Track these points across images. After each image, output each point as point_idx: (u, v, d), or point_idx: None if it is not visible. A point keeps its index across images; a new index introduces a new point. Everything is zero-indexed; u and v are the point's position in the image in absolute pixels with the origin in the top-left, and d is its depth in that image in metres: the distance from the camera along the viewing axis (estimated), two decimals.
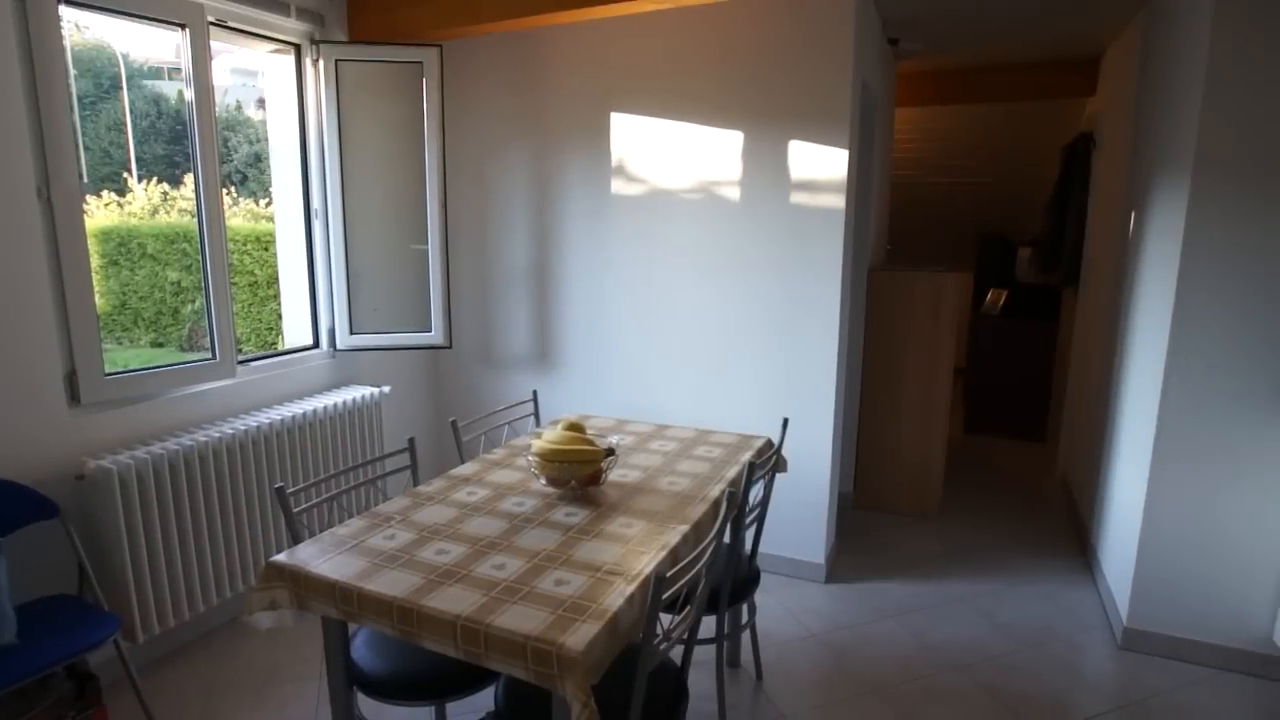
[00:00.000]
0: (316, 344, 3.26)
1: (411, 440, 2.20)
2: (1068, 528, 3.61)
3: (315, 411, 2.86)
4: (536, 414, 2.79)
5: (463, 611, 1.36)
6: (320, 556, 1.58)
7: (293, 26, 2.98)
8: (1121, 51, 3.72)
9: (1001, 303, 5.06)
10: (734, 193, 2.97)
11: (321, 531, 1.73)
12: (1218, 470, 2.40)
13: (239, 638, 2.65)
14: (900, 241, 6.44)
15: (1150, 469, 2.48)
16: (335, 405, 2.96)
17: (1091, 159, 4.24)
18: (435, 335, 3.39)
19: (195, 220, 2.63)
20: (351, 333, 3.26)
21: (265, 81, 3.13)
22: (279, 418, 2.71)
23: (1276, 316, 2.28)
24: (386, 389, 3.24)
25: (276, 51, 3.05)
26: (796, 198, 2.86)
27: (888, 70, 4.07)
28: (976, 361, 5.09)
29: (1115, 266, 3.33)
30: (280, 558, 1.58)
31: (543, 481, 1.95)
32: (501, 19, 2.87)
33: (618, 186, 3.19)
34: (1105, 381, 3.28)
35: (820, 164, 2.80)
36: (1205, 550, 2.44)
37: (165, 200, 8.00)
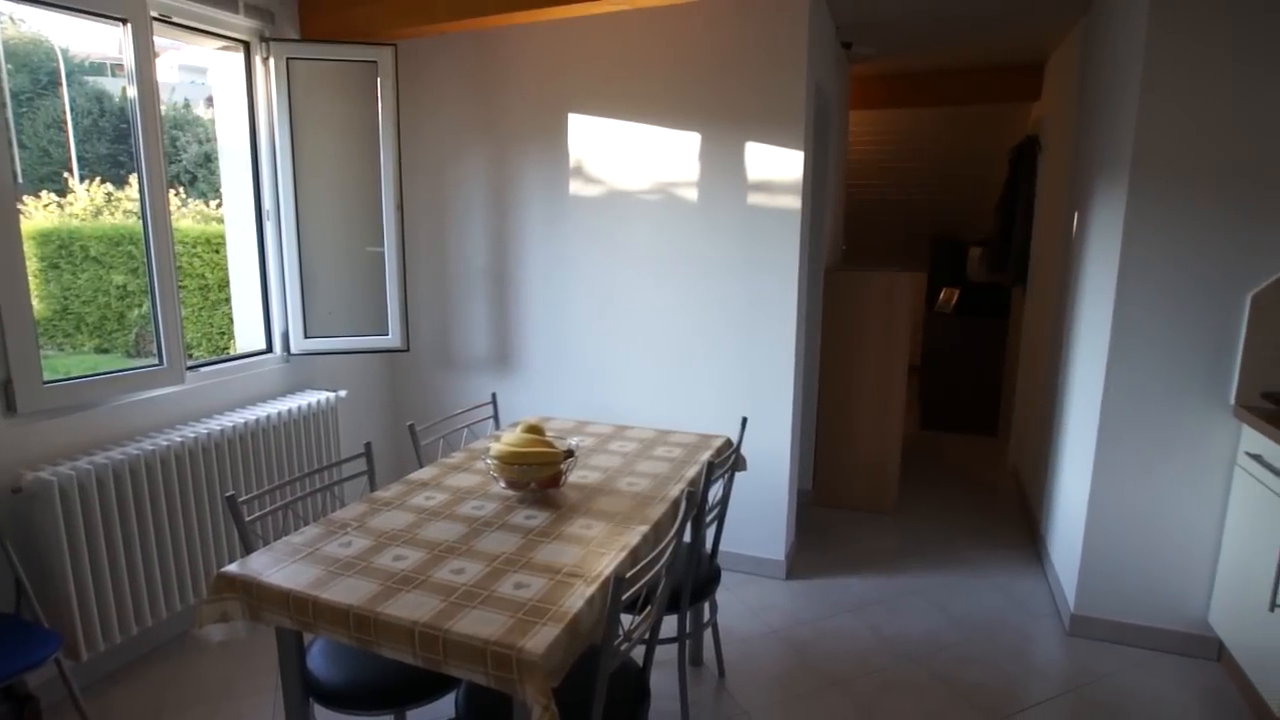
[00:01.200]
0: (270, 348, 3.19)
1: (368, 445, 2.16)
2: (1019, 520, 3.72)
3: (269, 417, 2.80)
4: (496, 417, 2.77)
5: (421, 618, 1.34)
6: (274, 566, 1.55)
7: (241, 23, 2.91)
8: (1064, 57, 3.84)
9: (954, 301, 5.18)
10: (692, 194, 2.99)
11: (276, 540, 1.69)
12: (1156, 462, 2.49)
13: (190, 652, 2.58)
14: (856, 242, 6.56)
15: (1094, 461, 2.57)
16: (290, 411, 2.90)
17: (1037, 161, 4.37)
18: (392, 338, 3.34)
19: (140, 222, 2.55)
20: (306, 336, 3.19)
21: (214, 79, 3.05)
22: (230, 424, 2.65)
23: (1209, 314, 2.38)
24: (342, 393, 3.18)
25: (225, 48, 2.98)
26: (753, 198, 2.89)
27: (841, 73, 4.14)
28: (931, 359, 5.21)
29: (1060, 266, 3.44)
30: (232, 568, 1.54)
31: (502, 484, 1.94)
32: (457, 18, 2.84)
33: (576, 188, 3.19)
34: (1052, 377, 3.39)
35: (776, 165, 2.84)
36: (1145, 538, 2.54)
37: (109, 201, 7.73)
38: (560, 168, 3.20)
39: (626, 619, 1.53)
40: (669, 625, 2.15)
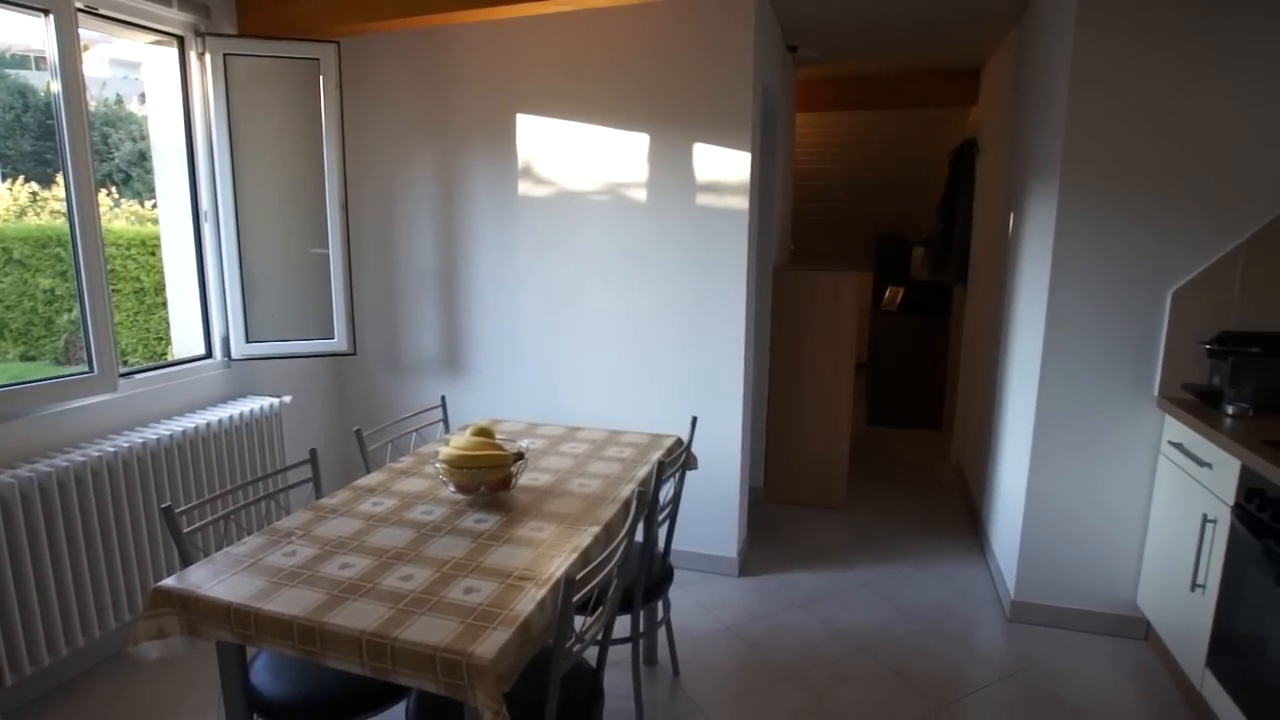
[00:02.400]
0: (209, 354, 3.09)
1: (313, 451, 2.12)
2: (962, 511, 3.83)
3: (209, 425, 2.71)
4: (445, 420, 2.74)
5: (368, 626, 1.32)
6: (213, 578, 1.50)
7: (174, 17, 2.81)
8: (999, 64, 3.98)
9: (899, 300, 5.31)
10: (641, 194, 3.00)
11: (216, 552, 1.64)
12: (1087, 453, 2.60)
13: (126, 671, 2.48)
14: (804, 242, 6.68)
15: (1031, 454, 2.67)
16: (231, 418, 2.81)
17: (976, 163, 4.51)
18: (338, 342, 3.28)
19: (68, 223, 2.45)
20: (247, 341, 3.10)
21: (147, 75, 2.94)
22: (167, 433, 2.56)
23: (1134, 310, 2.49)
24: (287, 399, 3.10)
25: (158, 43, 2.87)
26: (702, 199, 2.92)
27: (787, 76, 4.20)
28: (877, 356, 5.33)
29: (998, 264, 3.56)
30: (168, 582, 1.49)
31: (451, 489, 1.92)
32: (401, 16, 2.80)
33: (525, 188, 3.17)
34: (991, 373, 3.50)
35: (724, 166, 2.87)
36: (1078, 526, 2.65)
37: (35, 201, 7.37)
38: (509, 168, 3.18)
39: (579, 620, 1.53)
40: (622, 625, 2.15)
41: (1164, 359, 2.47)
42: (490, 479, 1.89)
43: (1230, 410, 2.23)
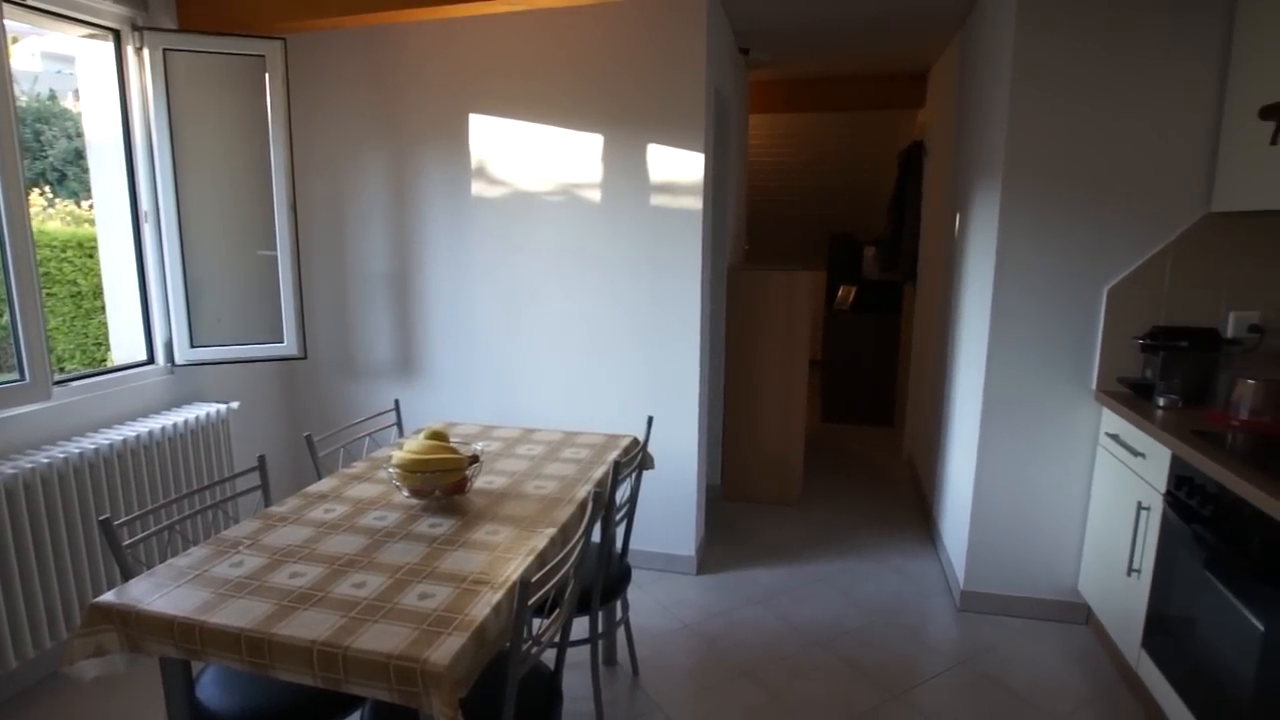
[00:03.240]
0: (151, 359, 2.99)
1: (261, 458, 2.07)
2: (914, 505, 3.93)
3: (151, 433, 2.62)
4: (399, 424, 2.70)
5: (319, 636, 1.30)
6: (155, 592, 1.46)
7: (109, 9, 2.71)
8: (944, 67, 4.08)
9: (851, 298, 5.41)
10: (595, 195, 3.00)
11: (159, 564, 1.59)
12: (1031, 445, 2.69)
13: (62, 692, 2.38)
14: (758, 241, 6.76)
15: (978, 447, 2.74)
16: (175, 425, 2.73)
17: (923, 165, 4.62)
18: (288, 346, 3.20)
19: None
20: (192, 346, 3.01)
21: (81, 70, 2.83)
22: (106, 442, 2.47)
23: (1073, 307, 2.59)
24: (234, 405, 3.02)
25: (91, 36, 2.77)
26: (656, 199, 2.93)
27: (740, 78, 4.25)
28: (831, 354, 5.42)
29: (945, 263, 3.65)
30: (107, 597, 1.44)
31: (405, 493, 1.90)
32: (347, 14, 2.75)
33: (479, 189, 3.14)
34: (940, 369, 3.59)
35: (678, 167, 2.89)
36: (1023, 516, 2.74)
37: None
38: (462, 169, 3.15)
39: (536, 623, 1.53)
40: (581, 627, 2.16)
41: (1101, 354, 2.57)
42: (445, 483, 1.87)
43: (1161, 402, 2.33)
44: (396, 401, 2.76)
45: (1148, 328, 2.49)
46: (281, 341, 3.19)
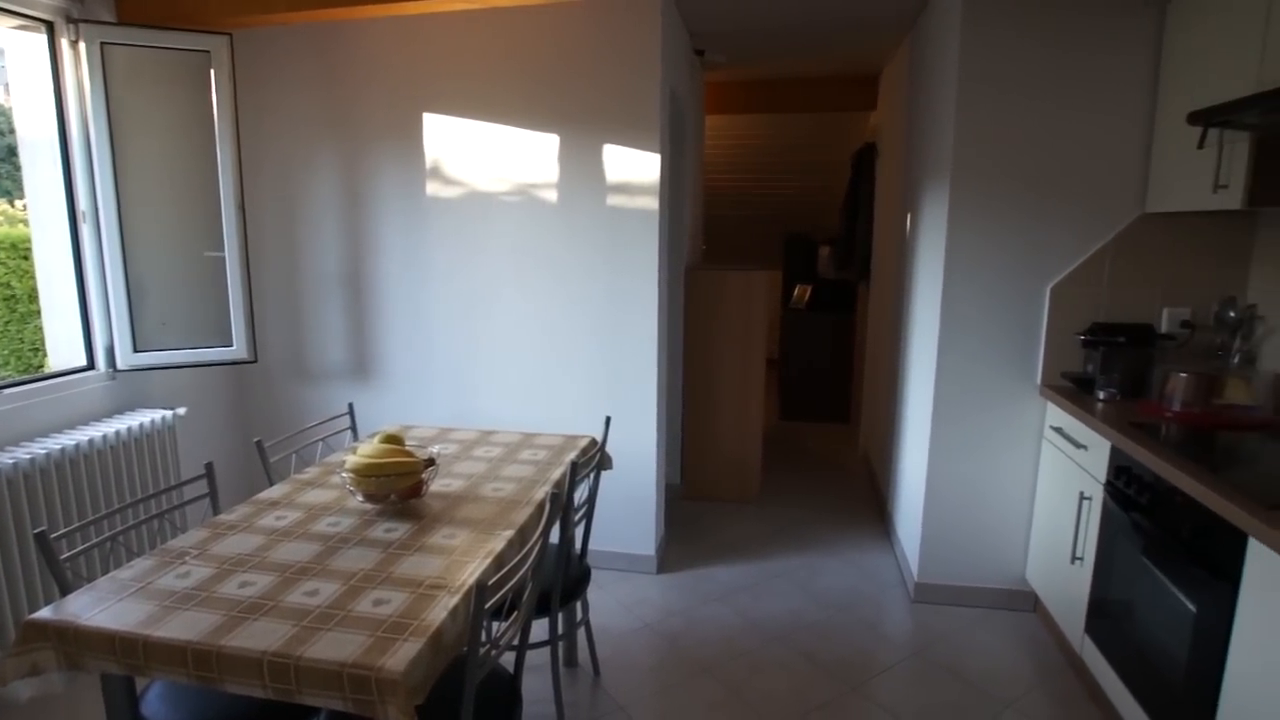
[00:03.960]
0: (92, 365, 2.88)
1: (209, 465, 2.01)
2: (870, 500, 4.00)
3: (92, 442, 2.53)
4: (354, 428, 2.65)
5: (270, 646, 1.27)
6: (95, 606, 1.41)
7: (41, 0, 2.61)
8: (894, 71, 4.17)
9: (807, 298, 5.49)
10: (551, 195, 2.99)
11: (100, 578, 1.54)
12: (980, 439, 2.77)
13: None
14: (716, 242, 6.80)
15: (929, 441, 2.81)
16: (118, 433, 2.63)
17: (875, 166, 4.71)
18: (237, 349, 3.12)
19: None
20: (135, 350, 2.92)
21: (11, 63, 2.71)
22: (43, 451, 2.37)
23: (1019, 304, 2.67)
24: (181, 411, 2.93)
25: (23, 28, 2.65)
26: (613, 200, 2.93)
27: (696, 79, 4.28)
28: (787, 353, 5.49)
29: (897, 263, 3.73)
30: (42, 613, 1.39)
31: (360, 498, 1.87)
32: (296, 10, 2.70)
33: (434, 189, 3.11)
34: (894, 366, 3.67)
35: (634, 167, 2.89)
36: (974, 508, 2.81)
37: None
38: (417, 168, 3.11)
39: (496, 626, 1.52)
40: (541, 629, 2.15)
41: (1045, 349, 2.65)
42: (400, 487, 1.85)
43: (1101, 396, 2.42)
44: (351, 405, 2.71)
45: (1088, 324, 2.58)
46: (231, 345, 3.11)
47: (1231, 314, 2.39)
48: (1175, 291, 2.54)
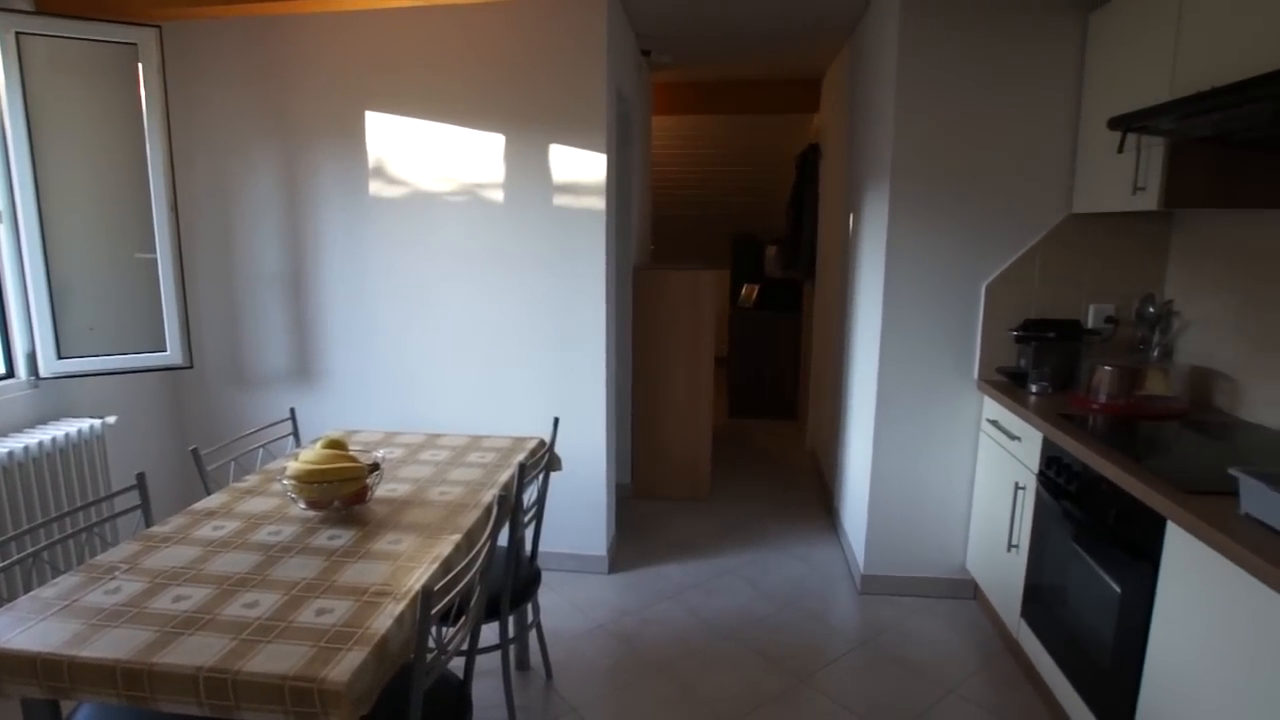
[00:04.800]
0: (11, 373, 2.74)
1: (140, 476, 1.93)
2: (817, 495, 4.08)
3: (11, 454, 2.41)
4: (296, 433, 2.59)
5: (206, 662, 1.23)
6: (16, 627, 1.34)
7: None
8: (836, 74, 4.26)
9: (754, 296, 5.56)
10: (498, 195, 2.96)
11: (20, 597, 1.47)
12: (921, 433, 2.85)
13: None
14: (663, 242, 6.84)
15: (874, 436, 2.88)
16: (40, 444, 2.51)
17: (819, 167, 4.80)
18: (171, 355, 3.01)
19: None
20: (60, 357, 2.78)
21: None
22: None
23: (956, 302, 2.75)
24: (110, 420, 2.81)
25: None
26: (559, 200, 2.92)
27: (643, 80, 4.29)
28: (736, 351, 5.55)
29: (841, 262, 3.81)
30: None
31: (302, 506, 1.82)
32: (228, 3, 2.61)
33: (377, 188, 3.05)
34: (839, 363, 3.75)
35: (580, 167, 2.89)
36: (916, 500, 2.89)
37: None
38: (359, 167, 3.04)
39: (445, 632, 1.50)
40: (492, 633, 2.13)
41: (981, 345, 2.75)
42: (344, 493, 1.81)
43: (1034, 389, 2.51)
44: (292, 410, 2.64)
45: (1021, 320, 2.68)
46: (164, 350, 2.99)
47: (1151, 310, 2.51)
48: (1100, 289, 2.66)
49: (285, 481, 1.79)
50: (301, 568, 1.57)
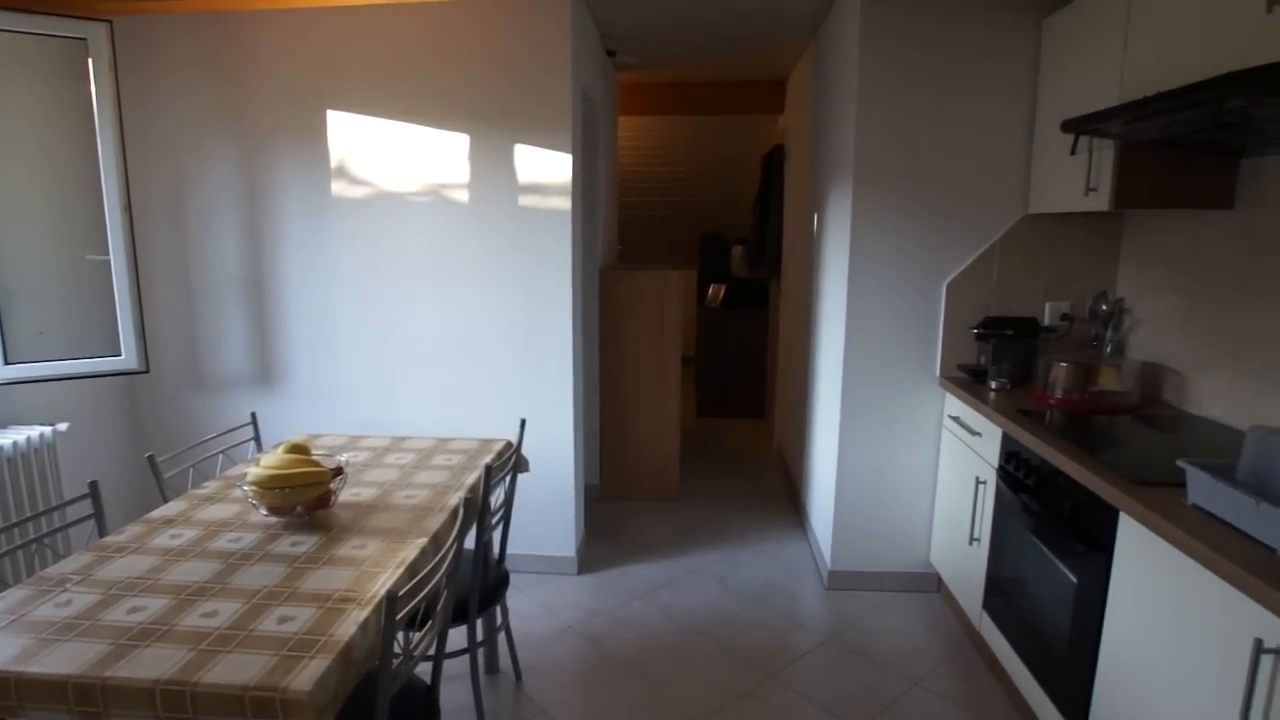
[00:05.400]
0: None
1: (93, 484, 1.88)
2: (785, 492, 4.12)
3: None
4: (257, 438, 2.54)
5: (163, 674, 1.20)
6: None
7: None
8: (800, 75, 4.30)
9: (721, 296, 5.60)
10: (463, 195, 2.94)
11: None
12: (885, 430, 2.89)
13: None
14: (630, 242, 6.85)
15: (839, 434, 2.92)
16: None
17: (784, 167, 4.85)
18: (126, 359, 2.93)
19: None
20: (7, 362, 2.69)
21: None
22: None
23: (918, 300, 2.80)
24: (62, 427, 2.73)
25: None
26: (525, 200, 2.91)
27: (608, 80, 4.29)
28: (703, 351, 5.58)
29: (806, 261, 3.85)
30: None
31: (263, 512, 1.79)
32: None
33: (339, 189, 3.00)
34: (805, 362, 3.79)
35: (546, 167, 2.88)
36: (881, 496, 2.94)
37: None
38: (321, 167, 2.99)
39: (413, 637, 1.49)
40: (461, 637, 2.11)
41: (943, 343, 2.80)
42: (306, 498, 1.78)
43: (993, 385, 2.57)
44: (254, 415, 2.58)
45: (981, 318, 2.74)
46: (119, 355, 2.92)
47: (1104, 307, 2.58)
48: (1056, 287, 2.73)
49: (246, 487, 1.75)
50: (263, 575, 1.54)
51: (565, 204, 2.89)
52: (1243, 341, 2.02)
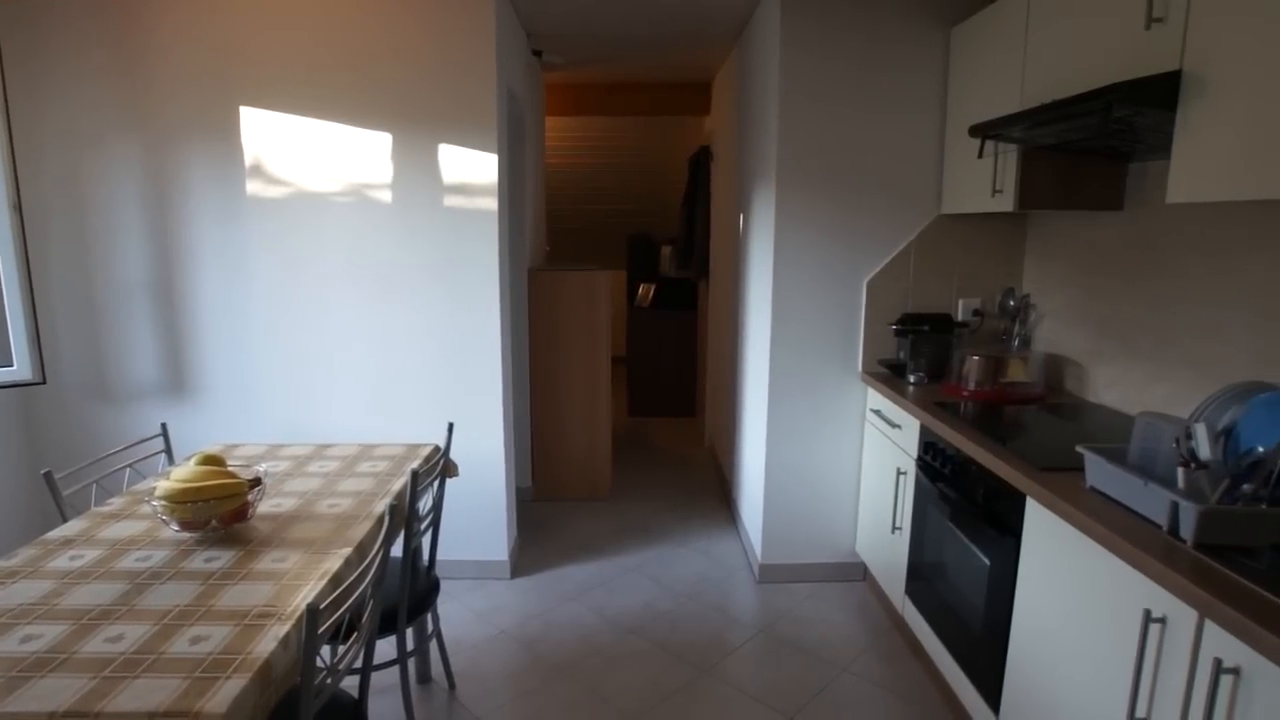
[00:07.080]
0: None
1: None
2: (716, 489, 4.18)
3: None
4: (168, 450, 2.41)
5: (60, 705, 1.13)
6: None
7: None
8: (725, 78, 4.37)
9: (651, 296, 5.63)
10: (386, 195, 2.87)
11: None
12: (811, 425, 2.97)
13: None
14: (560, 243, 6.83)
15: (767, 429, 2.98)
16: None
17: (711, 168, 4.92)
18: (19, 369, 2.74)
19: None
20: None
21: None
22: None
23: (840, 298, 2.89)
24: None
25: None
26: (450, 201, 2.86)
27: (535, 80, 4.26)
28: (634, 350, 5.61)
29: (733, 260, 3.92)
30: None
31: (175, 528, 1.70)
32: None
33: (255, 189, 2.88)
34: (733, 359, 3.86)
35: (471, 168, 2.84)
36: (808, 489, 3.02)
37: None
38: (234, 166, 2.87)
39: (339, 650, 1.44)
40: (389, 647, 2.06)
41: (864, 339, 2.90)
42: (221, 511, 1.70)
43: (912, 379, 2.67)
44: (164, 426, 2.45)
45: (899, 315, 2.84)
46: (11, 365, 2.72)
47: (1011, 303, 2.72)
48: (968, 284, 2.86)
49: (155, 502, 1.67)
50: (174, 594, 1.47)
51: (492, 204, 2.86)
52: (1132, 333, 2.17)
